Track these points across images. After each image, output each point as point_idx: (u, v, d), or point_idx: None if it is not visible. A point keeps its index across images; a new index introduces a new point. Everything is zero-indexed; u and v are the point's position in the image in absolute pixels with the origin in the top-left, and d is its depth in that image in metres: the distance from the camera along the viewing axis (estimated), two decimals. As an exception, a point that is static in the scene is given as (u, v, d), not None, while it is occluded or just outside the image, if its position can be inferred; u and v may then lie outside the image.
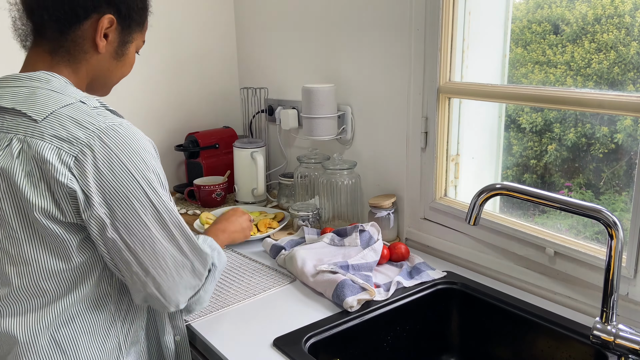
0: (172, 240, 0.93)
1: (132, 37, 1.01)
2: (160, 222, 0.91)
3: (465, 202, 1.45)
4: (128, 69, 1.05)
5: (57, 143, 0.85)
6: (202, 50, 2.15)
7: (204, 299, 1.04)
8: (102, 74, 1.00)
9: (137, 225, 0.88)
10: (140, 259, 0.90)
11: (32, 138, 0.85)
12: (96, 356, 0.95)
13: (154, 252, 0.91)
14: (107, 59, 0.99)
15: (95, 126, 0.87)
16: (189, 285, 0.98)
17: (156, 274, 0.92)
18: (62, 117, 0.87)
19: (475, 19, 1.40)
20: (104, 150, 0.85)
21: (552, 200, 0.99)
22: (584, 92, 1.13)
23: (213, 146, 2.05)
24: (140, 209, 0.88)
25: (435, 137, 1.46)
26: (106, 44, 0.96)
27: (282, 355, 1.05)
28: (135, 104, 2.01)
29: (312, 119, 1.68)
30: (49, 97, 0.89)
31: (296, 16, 1.88)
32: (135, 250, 0.89)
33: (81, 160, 0.84)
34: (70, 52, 0.95)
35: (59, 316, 0.92)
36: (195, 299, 1.02)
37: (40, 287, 0.90)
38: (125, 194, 0.87)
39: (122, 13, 0.96)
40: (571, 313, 1.17)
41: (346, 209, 1.67)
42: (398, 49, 1.51)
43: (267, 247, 1.53)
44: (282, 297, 1.29)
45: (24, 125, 0.87)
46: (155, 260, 0.91)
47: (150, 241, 0.90)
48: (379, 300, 1.24)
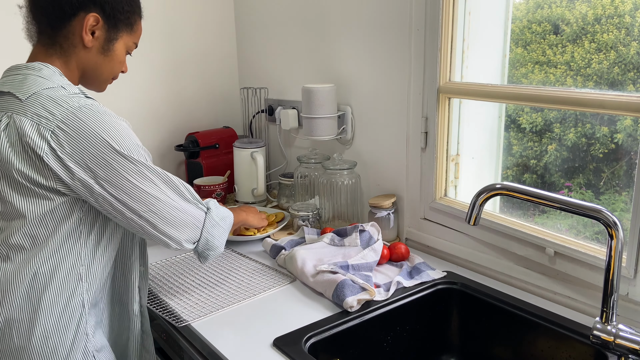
0: (155, 185, 1.06)
1: (118, 35, 1.12)
2: (139, 173, 1.04)
3: (465, 202, 1.45)
4: (117, 65, 1.15)
5: (36, 119, 0.98)
6: (202, 50, 2.15)
7: (213, 244, 1.16)
8: (91, 68, 1.12)
9: (119, 180, 1.02)
10: (130, 206, 1.04)
11: (17, 114, 0.99)
12: (61, 311, 1.04)
13: (141, 199, 1.04)
14: (94, 54, 1.10)
15: (70, 104, 0.99)
16: (183, 223, 1.10)
17: (149, 217, 1.06)
18: (42, 97, 1.00)
19: (475, 19, 1.40)
20: (77, 124, 0.98)
21: (552, 200, 0.99)
22: (584, 92, 1.13)
23: (213, 146, 2.04)
24: (117, 166, 1.01)
25: (435, 137, 1.46)
26: (92, 39, 1.08)
27: (282, 355, 1.05)
28: (135, 104, 2.01)
29: (312, 119, 1.68)
30: (36, 81, 1.02)
31: (296, 16, 1.88)
32: (124, 200, 1.03)
33: (57, 133, 0.97)
34: (62, 46, 1.08)
35: (33, 269, 1.02)
36: (203, 243, 1.15)
37: (18, 240, 1.02)
38: (101, 156, 0.99)
39: (107, 12, 1.08)
40: (571, 313, 1.17)
41: (346, 209, 1.67)
42: (398, 49, 1.51)
43: (267, 247, 1.53)
44: (282, 297, 1.29)
45: (12, 104, 1.01)
46: (144, 205, 1.05)
47: (135, 190, 1.03)
48: (379, 300, 1.24)
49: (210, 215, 1.16)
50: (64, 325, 1.04)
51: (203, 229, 1.14)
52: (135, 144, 1.04)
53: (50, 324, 1.03)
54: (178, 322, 1.18)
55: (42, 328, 1.02)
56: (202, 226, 1.14)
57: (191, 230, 1.12)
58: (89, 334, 1.08)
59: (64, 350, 1.04)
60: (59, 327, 1.04)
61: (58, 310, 1.03)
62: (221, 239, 1.18)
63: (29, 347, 1.02)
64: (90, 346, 1.08)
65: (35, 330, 1.02)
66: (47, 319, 1.03)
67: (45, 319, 1.02)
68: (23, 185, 0.99)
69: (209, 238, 1.15)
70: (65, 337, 1.04)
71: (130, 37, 1.15)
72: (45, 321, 1.02)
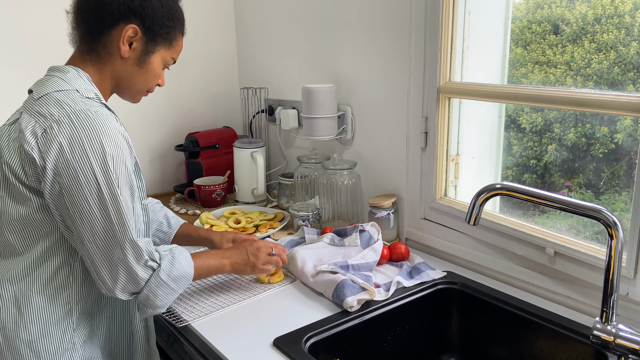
0: (109, 222, 0.99)
1: (155, 49, 1.12)
2: (101, 203, 0.98)
3: (465, 202, 1.45)
4: (152, 78, 1.15)
5: (36, 117, 0.99)
6: (202, 50, 2.15)
7: (153, 303, 1.07)
8: (125, 78, 1.12)
9: (79, 199, 0.98)
10: (78, 229, 0.99)
11: (25, 112, 1.01)
12: (47, 316, 1.04)
13: (90, 227, 0.99)
14: (130, 65, 1.11)
15: (71, 107, 0.99)
16: (122, 275, 1.02)
17: (90, 248, 1.00)
18: (51, 98, 1.01)
19: (475, 19, 1.40)
20: (69, 127, 0.97)
21: (552, 200, 0.99)
22: (584, 92, 1.13)
23: (213, 146, 2.05)
24: (85, 185, 0.97)
25: (435, 137, 1.46)
26: (130, 50, 1.09)
27: (282, 355, 1.05)
28: (135, 104, 2.00)
29: (312, 119, 1.68)
30: (55, 83, 1.04)
31: (296, 16, 1.88)
32: (75, 220, 0.99)
33: (48, 132, 0.97)
34: (99, 54, 1.09)
35: (21, 271, 1.03)
36: (142, 299, 1.06)
37: (8, 239, 1.02)
38: (76, 168, 0.96)
39: (146, 25, 1.09)
40: (571, 313, 1.17)
41: (346, 209, 1.67)
42: (398, 49, 1.51)
43: (267, 247, 1.53)
44: (282, 297, 1.29)
45: (29, 102, 1.03)
46: (90, 235, 0.99)
47: (88, 216, 0.98)
48: (379, 300, 1.24)
49: (157, 274, 1.06)
50: (47, 331, 1.04)
51: (145, 286, 1.05)
52: (116, 170, 0.99)
53: (34, 328, 1.03)
54: (178, 322, 1.18)
55: (26, 332, 1.03)
56: (144, 283, 1.05)
57: (129, 285, 1.04)
58: (77, 343, 1.07)
59: (48, 356, 1.04)
60: (43, 333, 1.04)
61: (44, 317, 1.04)
62: (165, 300, 1.08)
63: (15, 348, 1.03)
64: (77, 356, 1.07)
65: (20, 334, 1.03)
66: (31, 322, 1.03)
67: (29, 322, 1.03)
68: (11, 183, 1.00)
69: (150, 296, 1.06)
70: (50, 343, 1.04)
71: (168, 52, 1.15)
72: (29, 325, 1.03)
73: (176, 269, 1.09)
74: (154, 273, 1.05)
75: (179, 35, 1.17)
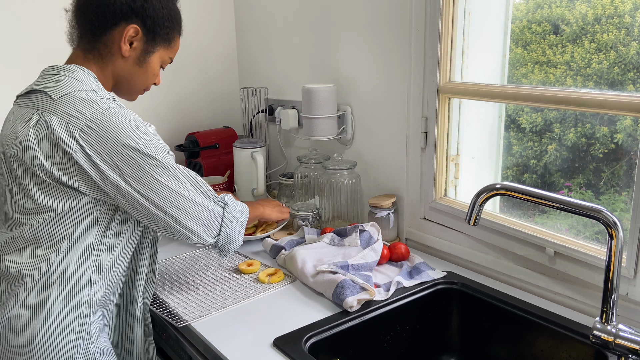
0: (178, 182, 1.10)
1: (155, 49, 1.16)
2: (163, 171, 1.07)
3: (465, 202, 1.45)
4: (150, 77, 1.19)
5: (65, 118, 1.00)
6: (202, 51, 2.15)
7: (232, 237, 1.20)
8: (125, 77, 1.15)
9: (145, 177, 1.05)
10: (155, 203, 1.07)
11: (47, 113, 1.02)
12: (66, 311, 1.05)
13: (165, 196, 1.08)
14: (130, 64, 1.14)
15: (100, 106, 1.02)
16: (205, 218, 1.14)
17: (173, 212, 1.09)
18: (73, 98, 1.03)
19: (475, 19, 1.40)
20: (106, 123, 1.01)
21: (552, 200, 0.99)
22: (584, 92, 1.13)
23: (213, 146, 2.04)
24: (143, 164, 1.04)
25: (435, 137, 1.46)
26: (130, 49, 1.12)
27: (282, 355, 1.05)
28: (135, 104, 2.00)
29: (312, 119, 1.68)
30: (70, 83, 1.05)
31: (296, 16, 1.88)
32: (149, 197, 1.06)
33: (86, 132, 1.00)
34: (100, 52, 1.11)
35: (45, 268, 1.04)
36: (223, 238, 1.18)
37: (35, 236, 1.04)
38: (128, 154, 1.02)
39: (147, 26, 1.12)
40: (571, 313, 1.17)
41: (346, 209, 1.67)
42: (398, 49, 1.51)
43: (267, 247, 1.53)
44: (282, 297, 1.29)
45: (44, 102, 1.04)
46: (169, 201, 1.08)
47: (160, 187, 1.07)
48: (379, 300, 1.24)
49: (228, 210, 1.19)
50: (67, 325, 1.05)
51: (222, 224, 1.17)
52: (160, 145, 1.08)
53: (54, 323, 1.03)
54: (178, 322, 1.18)
55: (45, 327, 1.03)
56: (221, 221, 1.17)
57: (212, 225, 1.16)
58: (92, 335, 1.09)
59: (66, 351, 1.04)
60: (62, 327, 1.04)
61: (64, 310, 1.04)
62: (240, 232, 1.22)
63: (31, 345, 1.02)
64: (93, 348, 1.08)
65: (39, 329, 1.02)
66: (51, 318, 1.03)
67: (49, 318, 1.03)
68: (45, 182, 1.01)
69: (229, 232, 1.19)
70: (68, 337, 1.05)
71: (166, 52, 1.19)
72: (49, 320, 1.03)
73: (237, 204, 1.23)
74: (226, 208, 1.19)
75: (176, 36, 1.20)
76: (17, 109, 1.09)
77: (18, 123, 1.05)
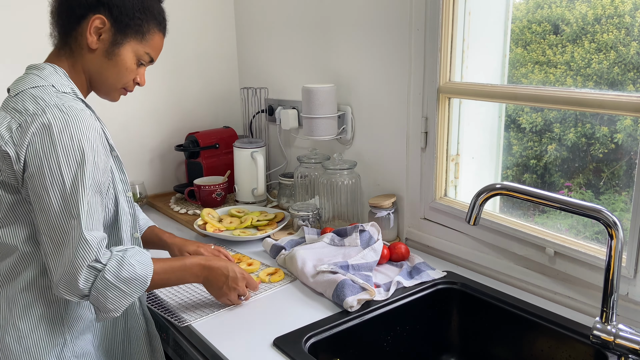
0: (64, 217, 0.98)
1: (125, 41, 1.11)
2: (61, 197, 0.97)
3: (465, 202, 1.45)
4: (123, 72, 1.13)
5: (11, 113, 1.00)
6: (202, 51, 2.15)
7: (105, 306, 1.01)
8: (95, 71, 1.12)
9: (41, 190, 0.97)
10: (39, 221, 0.99)
11: (1, 110, 1.03)
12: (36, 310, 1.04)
13: (48, 221, 0.98)
14: (98, 57, 1.10)
15: (46, 102, 1.00)
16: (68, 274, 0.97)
17: (46, 242, 0.99)
18: (27, 94, 1.02)
19: (475, 19, 1.40)
20: (42, 121, 0.97)
21: (552, 200, 0.99)
22: (584, 92, 1.13)
23: (213, 146, 2.04)
24: (48, 177, 0.97)
25: (435, 137, 1.46)
26: (97, 41, 1.09)
27: (282, 355, 1.05)
28: (135, 104, 2.01)
29: (312, 119, 1.68)
30: (31, 80, 1.04)
31: (296, 16, 1.88)
32: (35, 210, 1.00)
33: (23, 127, 0.98)
34: (71, 48, 1.10)
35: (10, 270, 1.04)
36: (93, 300, 1.01)
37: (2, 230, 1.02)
38: (42, 160, 0.97)
39: (114, 15, 1.08)
40: (571, 313, 1.17)
41: (346, 209, 1.67)
42: (398, 49, 1.51)
43: (267, 247, 1.53)
44: (282, 297, 1.29)
45: (6, 100, 1.04)
46: (47, 229, 0.98)
47: (46, 208, 0.98)
48: (379, 300, 1.24)
49: (103, 276, 0.99)
50: (37, 328, 1.04)
51: (92, 288, 0.99)
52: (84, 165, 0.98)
53: (22, 325, 1.04)
54: (178, 322, 1.18)
55: (14, 328, 1.03)
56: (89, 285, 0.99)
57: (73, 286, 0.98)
58: (67, 339, 1.08)
59: (37, 351, 1.04)
60: (31, 330, 1.04)
61: (33, 310, 1.04)
62: (117, 304, 1.02)
63: (4, 345, 1.04)
64: (68, 351, 1.08)
65: (8, 330, 1.03)
66: (20, 319, 1.04)
67: (18, 319, 1.03)
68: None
69: (100, 299, 1.00)
70: (38, 339, 1.05)
71: (140, 46, 1.12)
72: (17, 321, 1.03)
73: (125, 271, 1.01)
74: (99, 274, 0.99)
75: (153, 29, 1.13)
76: None
77: None
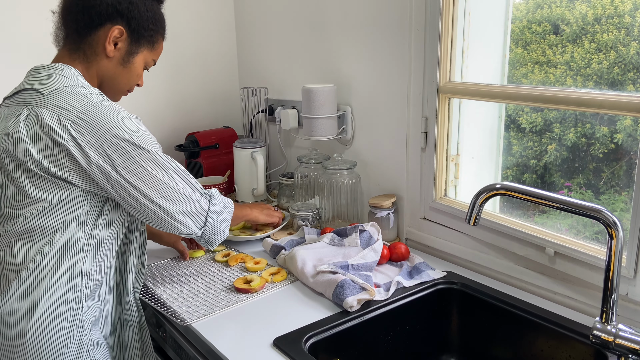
0: (166, 173, 1.12)
1: (139, 50, 1.18)
2: (152, 161, 1.10)
3: (465, 202, 1.45)
4: (134, 78, 1.21)
5: (57, 110, 1.02)
6: (202, 51, 2.15)
7: (218, 229, 1.23)
8: (109, 77, 1.17)
9: (135, 167, 1.07)
10: (144, 192, 1.09)
11: (38, 107, 1.04)
12: (58, 303, 1.06)
13: (154, 186, 1.10)
14: (114, 64, 1.16)
15: (89, 99, 1.05)
16: (191, 210, 1.17)
17: (161, 202, 1.12)
18: (63, 92, 1.05)
19: (475, 19, 1.40)
20: (96, 115, 1.03)
21: (552, 200, 0.99)
22: (584, 92, 1.13)
23: (213, 146, 2.05)
24: (134, 154, 1.07)
25: (435, 137, 1.46)
26: (115, 50, 1.14)
27: (282, 355, 1.05)
28: (135, 104, 2.01)
29: (312, 119, 1.68)
30: (58, 79, 1.08)
31: (296, 16, 1.88)
32: (138, 187, 1.09)
33: (78, 122, 1.02)
34: (85, 52, 1.14)
35: (36, 261, 1.05)
36: (209, 229, 1.21)
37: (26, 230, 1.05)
38: (119, 144, 1.05)
39: (132, 27, 1.14)
40: (571, 313, 1.17)
41: (346, 209, 1.67)
42: (398, 49, 1.51)
43: (267, 247, 1.53)
44: (282, 297, 1.29)
45: (34, 98, 1.06)
46: (157, 192, 1.11)
47: (149, 177, 1.09)
48: (379, 300, 1.24)
49: (213, 202, 1.22)
50: (60, 318, 1.06)
51: (208, 215, 1.20)
52: (149, 137, 1.10)
53: (46, 316, 1.05)
54: (179, 322, 1.18)
55: (37, 321, 1.04)
56: (207, 212, 1.20)
57: (198, 216, 1.19)
58: (85, 327, 1.10)
59: (58, 343, 1.06)
60: (54, 320, 1.05)
61: (55, 302, 1.05)
62: (225, 224, 1.25)
63: (23, 340, 1.04)
64: (85, 340, 1.10)
65: (30, 323, 1.03)
66: (44, 311, 1.04)
67: (42, 311, 1.04)
68: (36, 175, 1.02)
69: (214, 223, 1.22)
70: (61, 329, 1.06)
71: (150, 54, 1.22)
72: (41, 314, 1.04)
73: (221, 197, 1.27)
74: (212, 200, 1.22)
75: (160, 39, 1.23)
76: (5, 109, 1.10)
77: (8, 119, 1.06)
